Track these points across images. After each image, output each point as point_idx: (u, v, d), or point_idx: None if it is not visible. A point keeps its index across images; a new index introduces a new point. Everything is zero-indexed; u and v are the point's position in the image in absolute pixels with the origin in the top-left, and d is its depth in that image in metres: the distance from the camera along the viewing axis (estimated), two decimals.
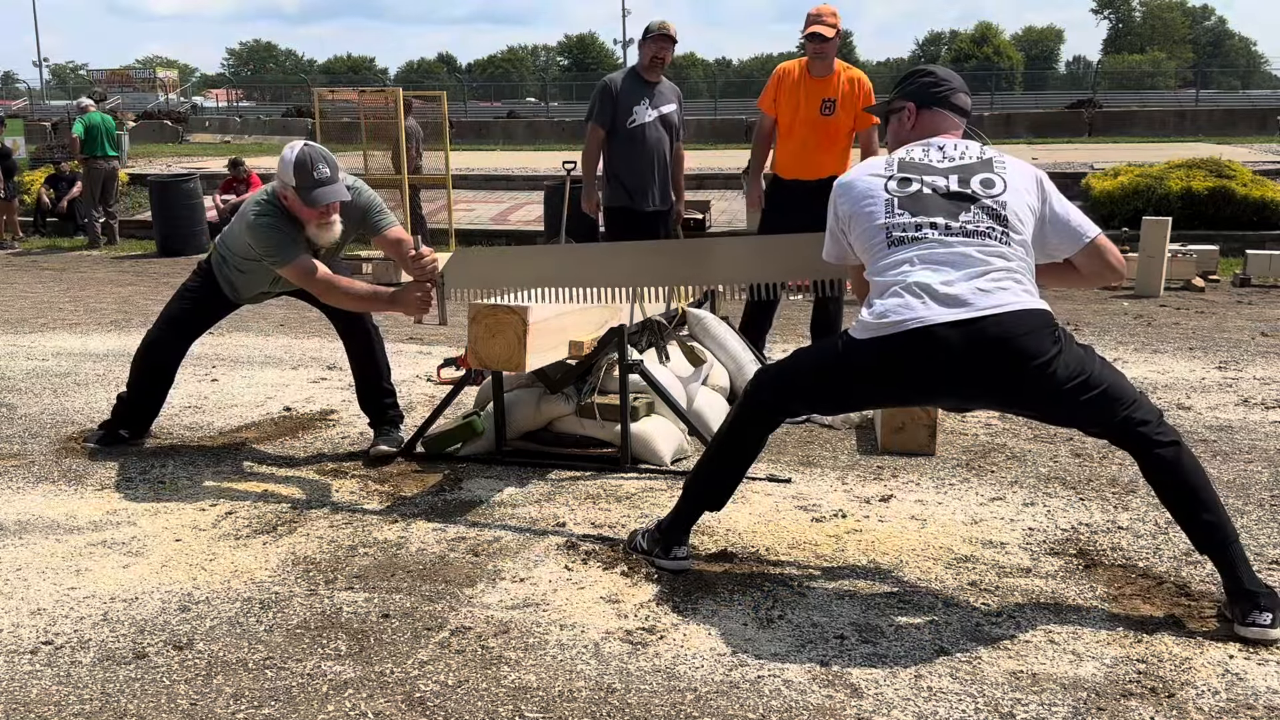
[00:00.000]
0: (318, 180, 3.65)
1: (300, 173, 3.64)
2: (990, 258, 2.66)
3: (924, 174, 2.77)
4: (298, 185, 3.65)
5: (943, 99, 2.93)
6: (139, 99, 37.20)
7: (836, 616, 2.71)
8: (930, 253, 2.66)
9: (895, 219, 2.71)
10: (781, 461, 4.02)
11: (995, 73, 50.45)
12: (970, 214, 2.71)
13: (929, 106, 2.92)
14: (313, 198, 3.66)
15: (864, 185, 2.80)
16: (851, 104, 5.19)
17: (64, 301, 8.30)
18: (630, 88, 5.72)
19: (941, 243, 2.67)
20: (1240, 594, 2.58)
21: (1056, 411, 2.70)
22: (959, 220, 2.70)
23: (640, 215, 5.76)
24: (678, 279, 3.73)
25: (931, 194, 2.74)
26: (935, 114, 2.92)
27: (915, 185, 2.75)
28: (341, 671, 2.45)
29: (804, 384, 2.84)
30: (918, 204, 2.73)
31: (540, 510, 3.50)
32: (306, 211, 3.71)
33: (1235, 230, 10.34)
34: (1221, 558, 2.63)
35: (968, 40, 74.10)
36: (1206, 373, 5.52)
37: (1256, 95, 42.23)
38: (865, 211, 2.76)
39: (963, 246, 2.67)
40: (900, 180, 2.77)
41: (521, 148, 22.54)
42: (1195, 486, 2.65)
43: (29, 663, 2.51)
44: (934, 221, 2.69)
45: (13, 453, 4.21)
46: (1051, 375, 2.59)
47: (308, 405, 4.95)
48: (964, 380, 2.62)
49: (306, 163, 3.64)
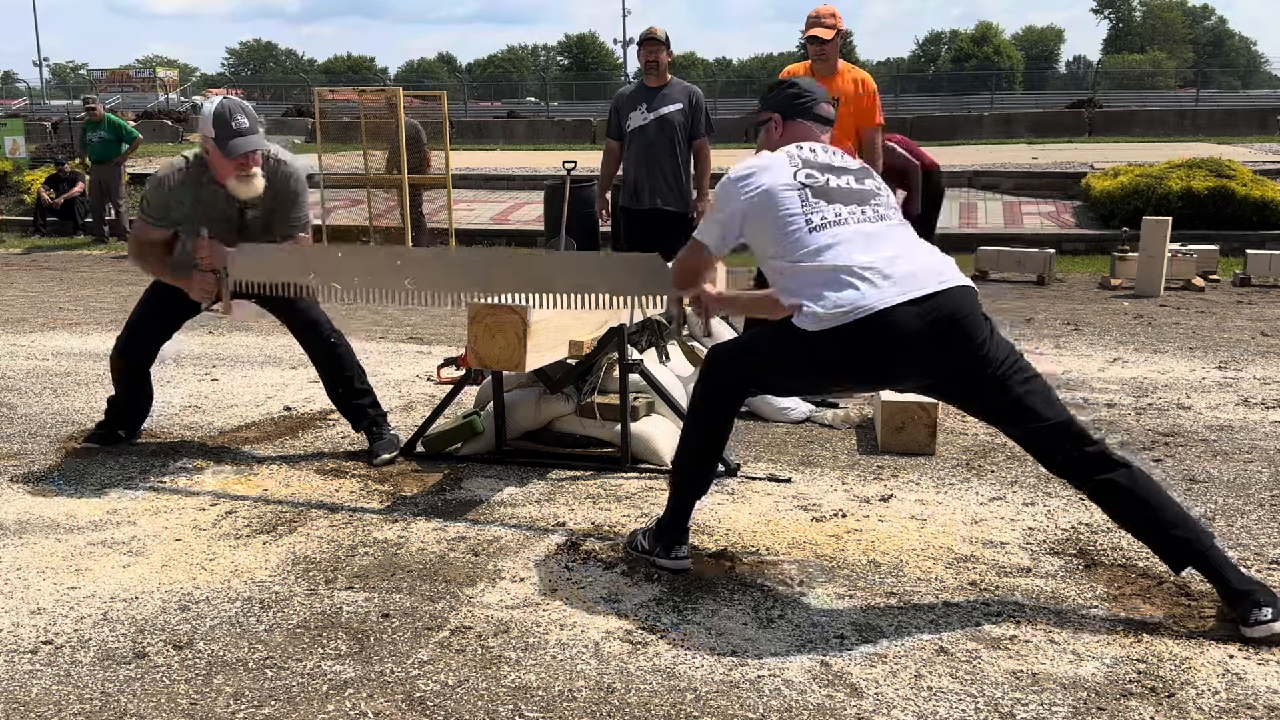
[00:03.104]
0: (235, 130, 3.70)
1: (219, 123, 3.69)
2: (905, 235, 2.81)
3: (826, 170, 2.85)
4: (216, 136, 3.70)
5: (806, 109, 3.03)
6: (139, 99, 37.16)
7: (836, 616, 2.71)
8: (858, 233, 2.73)
9: (814, 211, 2.76)
10: (781, 461, 4.02)
11: (995, 73, 50.47)
12: (879, 201, 2.85)
13: (794, 118, 3.02)
14: (230, 147, 3.70)
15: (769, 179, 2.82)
16: (856, 104, 5.19)
17: (64, 301, 8.30)
18: (631, 96, 6.07)
19: (866, 224, 2.76)
20: (1234, 595, 2.56)
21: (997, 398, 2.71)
22: (871, 204, 2.82)
23: (635, 214, 6.06)
24: (435, 285, 3.71)
25: (839, 186, 2.83)
26: (799, 125, 3.01)
27: (822, 178, 2.83)
28: (341, 671, 2.45)
29: (761, 370, 2.87)
30: (832, 194, 2.80)
31: (540, 510, 3.50)
32: (225, 163, 3.74)
33: (1235, 230, 10.34)
34: (1204, 566, 2.61)
35: (968, 40, 74.16)
36: (1206, 373, 5.52)
37: (1256, 95, 42.22)
38: (778, 202, 2.78)
39: (885, 228, 2.78)
40: (807, 174, 2.83)
41: (521, 148, 22.51)
42: (1157, 505, 2.63)
43: (29, 662, 2.51)
44: (851, 209, 2.79)
45: (13, 452, 4.21)
46: (988, 356, 2.67)
47: (308, 405, 4.95)
48: (921, 359, 2.66)
49: (225, 113, 3.70)
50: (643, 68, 6.05)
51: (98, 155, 12.21)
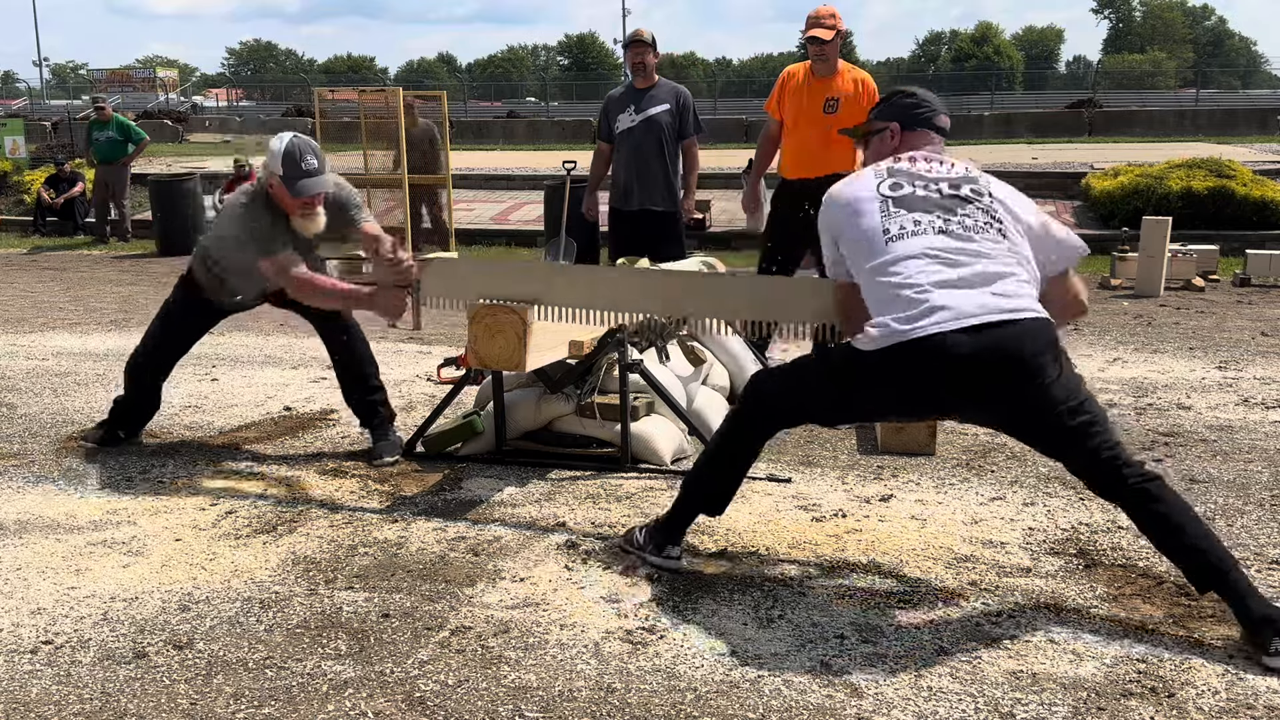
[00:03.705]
0: (305, 171, 3.69)
1: (288, 163, 3.68)
2: (994, 252, 2.63)
3: (915, 179, 2.75)
4: (284, 175, 3.68)
5: (926, 120, 2.92)
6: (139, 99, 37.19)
7: (836, 616, 2.71)
8: (931, 246, 2.61)
9: (891, 218, 2.66)
10: (781, 461, 4.02)
11: (995, 73, 50.49)
12: (968, 211, 2.69)
13: (913, 128, 2.91)
14: (299, 188, 3.69)
15: (852, 191, 2.77)
16: (856, 104, 5.19)
17: (64, 301, 8.29)
18: (619, 98, 6.12)
19: (943, 237, 2.63)
20: (1255, 623, 2.46)
21: (1043, 434, 2.62)
22: (957, 216, 2.68)
23: (624, 214, 6.10)
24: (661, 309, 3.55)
25: (926, 194, 2.71)
26: (919, 135, 2.91)
27: (908, 188, 2.73)
28: (341, 671, 2.45)
29: (805, 398, 2.80)
30: (914, 203, 2.70)
31: (540, 510, 3.50)
32: (291, 202, 3.73)
33: (1235, 230, 10.34)
34: (1225, 588, 2.52)
35: (968, 40, 74.13)
36: (1206, 373, 5.52)
37: (1256, 95, 42.25)
38: (857, 214, 2.71)
39: (964, 241, 2.63)
40: (892, 184, 2.74)
41: (521, 148, 22.52)
42: (1184, 521, 2.56)
43: (29, 662, 2.51)
44: (932, 218, 2.66)
45: (13, 452, 4.21)
46: (1049, 397, 2.55)
47: (308, 405, 4.95)
48: (970, 390, 2.56)
49: (295, 154, 3.68)
50: (630, 70, 6.12)
51: (104, 155, 12.20)
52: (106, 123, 12.24)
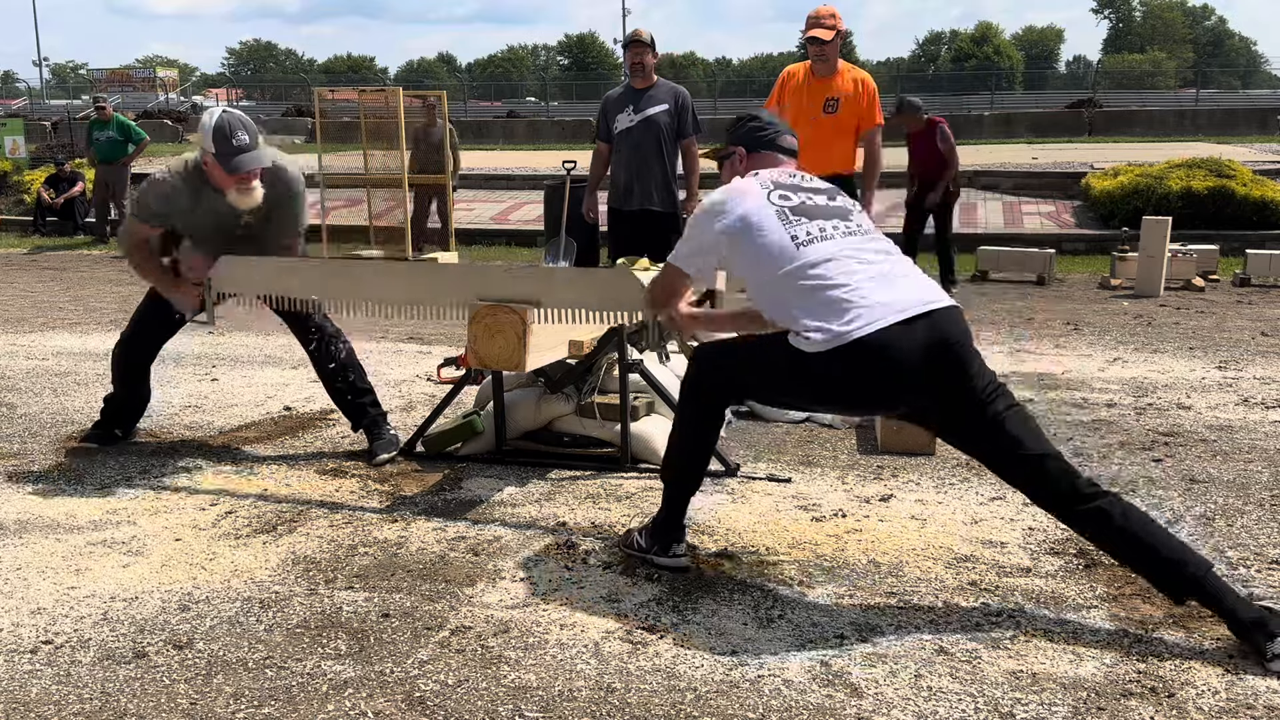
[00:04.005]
0: (237, 147, 3.67)
1: (219, 139, 3.66)
2: (890, 250, 2.80)
3: (798, 190, 2.85)
4: (217, 152, 3.67)
5: (769, 141, 3.04)
6: (139, 98, 37.17)
7: (836, 616, 2.71)
8: (843, 248, 2.71)
9: (794, 225, 2.75)
10: (781, 461, 4.02)
11: (995, 73, 50.49)
12: (854, 215, 2.85)
13: (757, 150, 3.03)
14: (233, 165, 3.68)
15: (744, 204, 2.81)
16: (855, 103, 5.20)
17: (64, 301, 8.30)
18: (618, 99, 6.14)
19: (851, 239, 2.75)
20: (1245, 627, 2.45)
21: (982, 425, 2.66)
22: (850, 220, 2.82)
23: (623, 214, 6.13)
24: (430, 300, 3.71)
25: (815, 203, 2.83)
26: (765, 156, 3.02)
27: (796, 198, 2.83)
28: (341, 671, 2.45)
29: (746, 380, 2.85)
30: (810, 211, 2.80)
31: (540, 510, 3.50)
32: (226, 178, 3.72)
33: (1235, 230, 10.34)
34: (1203, 594, 2.51)
35: (968, 40, 74.16)
36: (1206, 373, 5.52)
37: (1256, 95, 42.24)
38: (756, 224, 2.76)
39: (868, 241, 2.78)
40: (780, 195, 2.82)
41: (521, 147, 22.53)
42: (1148, 533, 2.57)
43: (29, 662, 2.51)
44: (834, 223, 2.78)
45: (13, 452, 4.21)
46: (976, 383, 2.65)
47: (308, 405, 4.95)
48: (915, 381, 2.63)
49: (225, 129, 3.66)
50: (629, 70, 6.14)
51: (105, 155, 12.20)
52: (107, 122, 12.24)
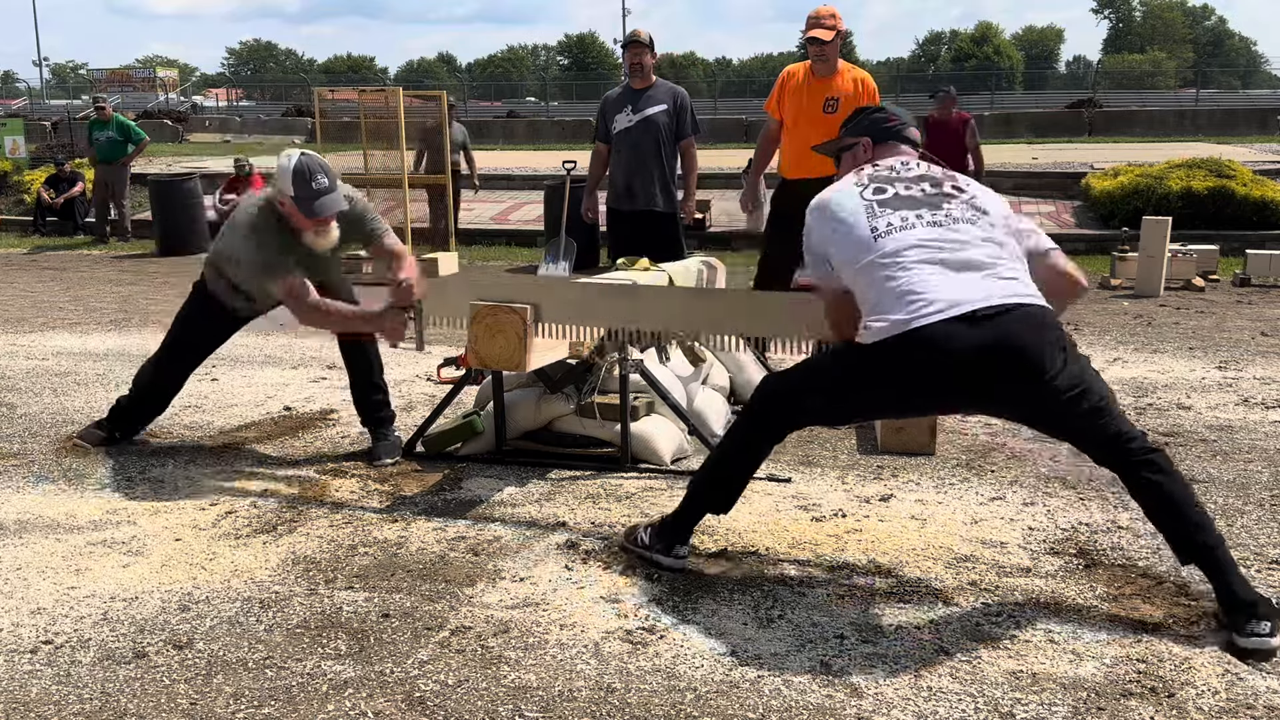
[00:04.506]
0: (316, 191, 3.61)
1: (299, 183, 3.59)
2: (983, 241, 2.68)
3: (895, 181, 2.81)
4: (296, 195, 3.60)
5: (897, 133, 2.99)
6: (139, 98, 37.17)
7: (836, 616, 2.71)
8: (921, 238, 2.65)
9: (878, 218, 2.71)
10: (781, 461, 4.02)
11: (995, 73, 50.51)
12: (952, 205, 2.74)
13: (884, 141, 2.98)
14: (314, 209, 3.62)
15: (838, 198, 2.81)
16: (856, 104, 5.18)
17: (64, 301, 8.29)
18: (617, 99, 6.13)
19: (933, 229, 2.67)
20: (1236, 604, 2.51)
21: (1050, 420, 2.67)
22: (943, 209, 2.73)
23: (622, 215, 6.13)
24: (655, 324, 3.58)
25: (909, 194, 2.77)
26: (889, 147, 2.97)
27: (890, 190, 2.78)
28: (341, 671, 2.45)
29: (815, 400, 2.80)
30: (899, 203, 2.75)
31: (540, 510, 3.50)
32: (304, 221, 3.66)
33: (1235, 230, 10.34)
34: (1210, 564, 2.56)
35: (968, 40, 74.15)
36: (1206, 373, 5.52)
37: (1256, 95, 42.23)
38: (845, 220, 2.74)
39: (953, 232, 2.68)
40: (875, 189, 2.79)
41: (521, 147, 22.52)
42: (1182, 495, 2.61)
43: (29, 662, 2.51)
44: (919, 213, 2.71)
45: (13, 452, 4.21)
46: (1055, 387, 2.57)
47: (308, 405, 4.95)
48: (973, 379, 2.57)
49: (305, 172, 3.59)
50: (628, 70, 6.14)
51: (104, 155, 12.20)
52: (106, 122, 12.24)
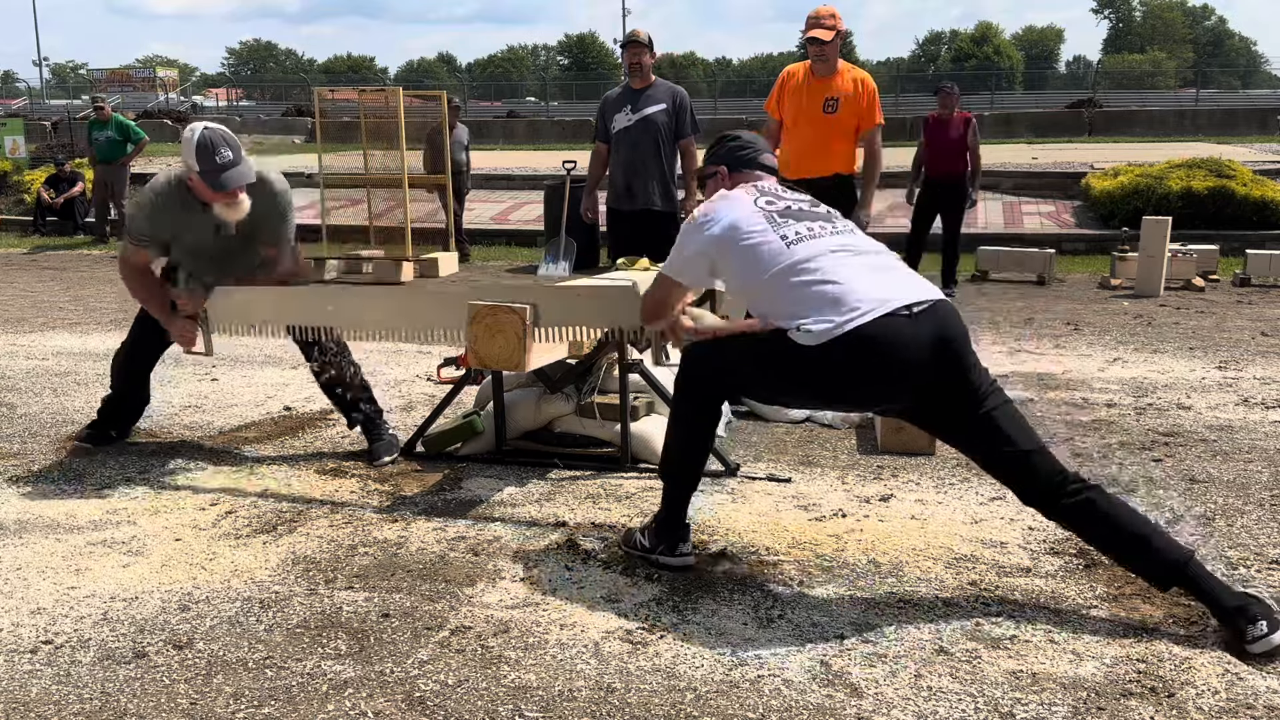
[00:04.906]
0: (221, 164, 3.64)
1: (203, 157, 3.63)
2: (884, 251, 2.84)
3: (781, 197, 2.91)
4: (201, 169, 3.65)
5: (750, 160, 3.09)
6: (139, 98, 37.18)
7: (836, 616, 2.71)
8: (833, 244, 2.75)
9: (782, 227, 2.79)
10: (781, 461, 4.02)
11: (995, 73, 50.53)
12: (835, 219, 2.90)
13: (739, 169, 3.07)
14: (219, 181, 3.66)
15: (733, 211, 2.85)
16: (855, 103, 5.19)
17: (64, 301, 8.29)
18: (616, 99, 6.16)
19: (839, 237, 2.80)
20: (1228, 612, 2.51)
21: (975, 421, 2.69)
22: (833, 222, 2.87)
23: (622, 214, 6.17)
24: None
25: (800, 208, 2.88)
26: (745, 174, 3.06)
27: (782, 203, 2.88)
28: (341, 671, 2.45)
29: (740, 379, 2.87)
30: (797, 214, 2.84)
31: (540, 510, 3.50)
32: (211, 194, 3.71)
33: (1235, 230, 10.34)
34: (1186, 581, 2.57)
35: (968, 40, 74.20)
36: (1206, 373, 5.52)
37: (1256, 95, 42.24)
38: (746, 229, 2.79)
39: (857, 239, 2.82)
40: (767, 201, 2.88)
41: (521, 147, 22.54)
42: (1130, 523, 2.64)
43: (29, 662, 2.51)
44: (820, 224, 2.83)
45: (13, 452, 4.21)
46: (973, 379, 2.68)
47: (308, 405, 4.95)
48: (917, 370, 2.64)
49: (208, 146, 3.63)
50: (627, 70, 6.16)
51: (104, 155, 12.21)
52: (106, 122, 12.25)
